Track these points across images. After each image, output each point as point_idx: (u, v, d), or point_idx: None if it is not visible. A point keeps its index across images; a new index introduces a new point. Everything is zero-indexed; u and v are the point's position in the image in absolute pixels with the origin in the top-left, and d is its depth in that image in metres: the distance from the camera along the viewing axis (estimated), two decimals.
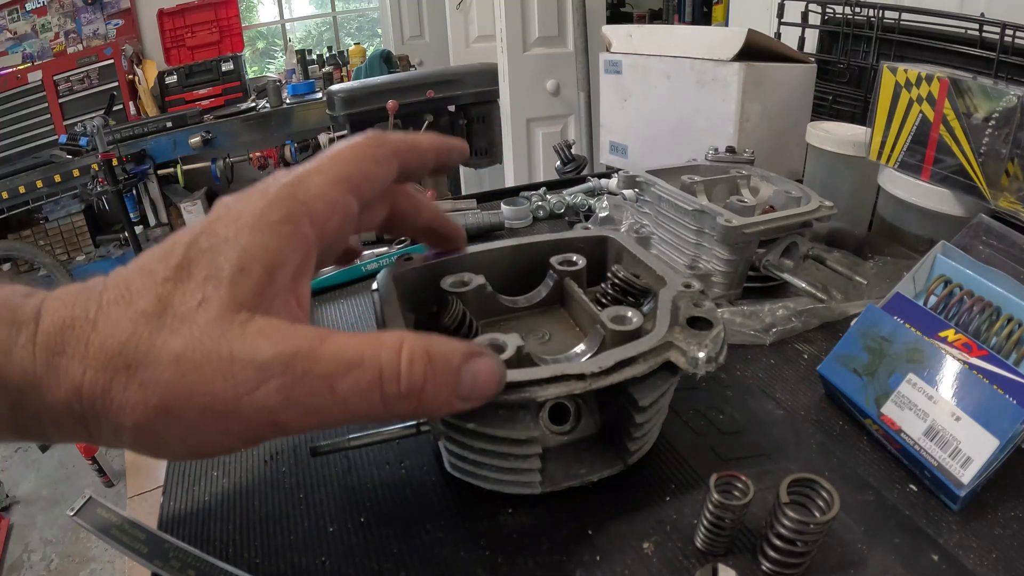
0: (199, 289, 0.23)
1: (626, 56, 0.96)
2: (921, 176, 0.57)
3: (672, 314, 0.34)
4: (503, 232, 0.75)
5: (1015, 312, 0.35)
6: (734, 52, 0.77)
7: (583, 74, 1.93)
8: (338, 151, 0.29)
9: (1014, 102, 0.48)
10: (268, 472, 0.38)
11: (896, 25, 0.83)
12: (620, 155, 1.04)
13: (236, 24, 3.37)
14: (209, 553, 0.29)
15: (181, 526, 0.35)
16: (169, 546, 0.28)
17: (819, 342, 0.49)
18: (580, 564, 0.31)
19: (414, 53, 3.42)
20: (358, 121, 2.09)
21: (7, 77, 2.94)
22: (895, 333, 0.38)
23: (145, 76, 3.20)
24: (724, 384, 0.45)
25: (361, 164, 0.29)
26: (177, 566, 0.27)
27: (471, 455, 0.33)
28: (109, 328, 0.23)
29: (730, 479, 0.30)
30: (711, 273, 0.54)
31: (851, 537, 0.32)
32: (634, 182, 0.60)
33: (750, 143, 0.78)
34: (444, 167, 0.35)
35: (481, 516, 0.34)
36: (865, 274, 0.52)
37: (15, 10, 3.09)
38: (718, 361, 0.31)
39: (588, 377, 0.30)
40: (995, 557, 0.31)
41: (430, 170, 0.34)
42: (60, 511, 1.94)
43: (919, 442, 0.34)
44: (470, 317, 0.36)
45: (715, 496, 0.29)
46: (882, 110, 0.59)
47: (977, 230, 0.44)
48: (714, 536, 0.30)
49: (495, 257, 0.42)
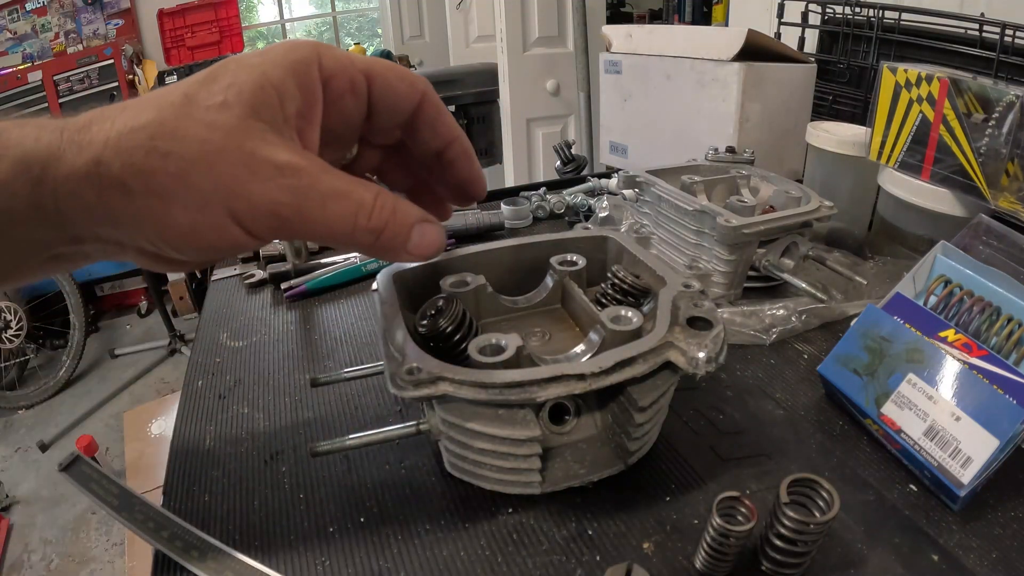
0: (222, 92, 0.26)
1: (626, 56, 0.96)
2: (921, 176, 0.57)
3: (672, 314, 0.34)
4: (503, 232, 0.75)
5: (1015, 312, 0.35)
6: (734, 52, 0.77)
7: (583, 74, 1.93)
8: (382, 60, 0.32)
9: (1014, 102, 0.48)
10: (268, 472, 0.38)
11: (896, 25, 0.83)
12: (620, 155, 1.04)
13: (236, 24, 3.36)
14: None
15: None
16: (136, 501, 0.32)
17: (819, 342, 0.49)
18: (580, 564, 0.31)
19: (414, 53, 3.42)
20: None
21: (7, 77, 2.94)
22: (895, 333, 0.38)
23: (145, 76, 3.19)
24: (724, 384, 0.45)
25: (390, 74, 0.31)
26: (140, 518, 0.31)
27: (471, 455, 0.33)
28: (135, 111, 0.25)
29: (733, 503, 0.29)
30: (711, 273, 0.54)
31: (851, 537, 0.32)
32: (634, 182, 0.60)
33: (750, 143, 0.78)
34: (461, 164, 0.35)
35: (481, 516, 0.34)
36: (865, 274, 0.52)
37: (15, 10, 3.09)
38: (718, 361, 0.31)
39: (588, 377, 0.30)
40: (995, 557, 0.31)
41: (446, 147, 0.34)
42: (60, 511, 1.94)
43: (919, 442, 0.34)
44: (470, 317, 0.36)
45: (717, 520, 0.28)
46: (882, 110, 0.59)
47: (977, 230, 0.44)
48: (715, 561, 0.29)
49: (495, 257, 0.42)
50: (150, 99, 0.26)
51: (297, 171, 0.26)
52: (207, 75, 0.27)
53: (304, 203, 0.26)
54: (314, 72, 0.28)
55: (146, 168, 0.25)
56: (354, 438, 0.35)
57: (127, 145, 0.25)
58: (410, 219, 0.30)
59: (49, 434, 2.27)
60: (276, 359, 0.51)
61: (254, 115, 0.26)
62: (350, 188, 0.28)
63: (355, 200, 0.28)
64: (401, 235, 0.30)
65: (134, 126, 0.25)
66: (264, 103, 0.26)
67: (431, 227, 0.30)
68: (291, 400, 0.45)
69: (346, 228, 0.28)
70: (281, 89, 0.27)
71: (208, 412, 0.44)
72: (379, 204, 0.28)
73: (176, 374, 2.60)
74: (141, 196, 0.25)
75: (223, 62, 0.28)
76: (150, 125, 0.25)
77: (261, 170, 0.26)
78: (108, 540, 1.83)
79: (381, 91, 0.31)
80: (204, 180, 0.25)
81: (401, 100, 0.31)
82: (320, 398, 0.45)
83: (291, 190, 0.26)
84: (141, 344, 2.81)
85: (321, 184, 0.27)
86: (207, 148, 0.25)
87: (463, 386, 0.30)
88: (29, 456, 2.21)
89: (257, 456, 0.39)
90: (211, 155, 0.25)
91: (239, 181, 0.25)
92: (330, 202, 0.27)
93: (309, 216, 0.27)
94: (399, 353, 0.31)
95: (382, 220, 0.29)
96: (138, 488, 0.32)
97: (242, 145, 0.25)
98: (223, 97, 0.26)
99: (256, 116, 0.26)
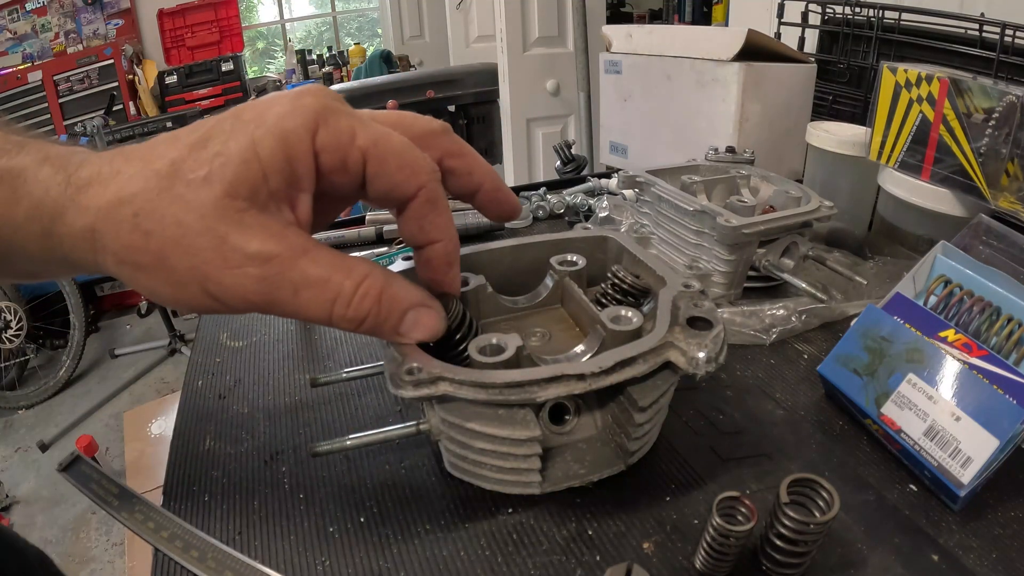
0: (207, 163, 0.26)
1: (626, 56, 0.96)
2: (921, 176, 0.57)
3: (672, 314, 0.34)
4: (503, 232, 0.75)
5: (1015, 312, 0.35)
6: (734, 52, 0.77)
7: (583, 74, 1.93)
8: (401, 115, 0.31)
9: (1014, 102, 0.48)
10: (268, 472, 0.38)
11: (896, 25, 0.83)
12: (620, 155, 1.04)
13: (236, 24, 3.37)
14: None
15: None
16: (136, 501, 0.32)
17: (819, 342, 0.49)
18: (580, 564, 0.31)
19: (414, 53, 3.42)
20: None
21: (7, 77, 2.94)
22: (895, 333, 0.38)
23: (145, 76, 3.20)
24: (724, 384, 0.45)
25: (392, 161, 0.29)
26: (140, 518, 0.31)
27: (471, 455, 0.33)
28: (126, 178, 0.26)
29: (733, 503, 0.29)
30: (711, 273, 0.54)
31: (851, 537, 0.32)
32: (634, 182, 0.60)
33: (750, 143, 0.78)
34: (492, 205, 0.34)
35: (481, 516, 0.34)
36: (865, 274, 0.52)
37: (15, 10, 3.09)
38: (718, 361, 0.31)
39: (588, 377, 0.30)
40: (995, 557, 0.31)
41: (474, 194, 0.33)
42: (60, 511, 1.94)
43: (919, 442, 0.34)
44: (470, 317, 0.36)
45: (717, 520, 0.28)
46: (882, 110, 0.59)
47: (977, 230, 0.44)
48: (715, 561, 0.29)
49: (495, 257, 0.42)
50: (142, 160, 0.27)
51: (268, 260, 0.26)
52: (201, 136, 0.27)
53: (275, 292, 0.27)
54: (306, 144, 0.27)
55: (131, 245, 0.26)
56: (354, 438, 0.35)
57: (115, 218, 0.26)
58: (401, 305, 0.30)
59: (49, 434, 2.27)
60: (276, 359, 0.51)
61: (234, 193, 0.26)
62: (328, 275, 0.27)
63: (332, 289, 0.28)
64: (390, 321, 0.30)
65: (122, 197, 0.26)
66: (247, 179, 0.26)
67: (426, 312, 0.31)
68: (291, 400, 0.45)
69: (322, 315, 0.28)
70: (268, 163, 0.26)
71: (208, 412, 0.44)
72: (361, 292, 0.28)
73: (176, 374, 2.60)
74: (129, 267, 0.27)
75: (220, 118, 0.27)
76: (136, 199, 0.26)
77: (231, 258, 0.26)
78: (108, 540, 1.83)
79: (375, 175, 0.28)
80: (180, 262, 0.26)
81: (395, 189, 0.29)
82: (320, 398, 0.45)
83: (260, 280, 0.26)
84: (141, 344, 2.81)
85: (293, 272, 0.27)
86: (183, 231, 0.26)
87: (463, 386, 0.30)
88: (29, 456, 2.22)
89: (257, 456, 0.39)
90: (187, 238, 0.26)
91: (212, 267, 0.26)
92: (303, 291, 0.27)
93: (281, 303, 0.27)
94: (399, 353, 0.31)
95: (362, 310, 0.28)
96: (138, 488, 0.32)
97: (215, 229, 0.26)
98: (207, 169, 0.26)
99: (236, 194, 0.26)
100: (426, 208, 0.30)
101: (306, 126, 0.27)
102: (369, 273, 0.29)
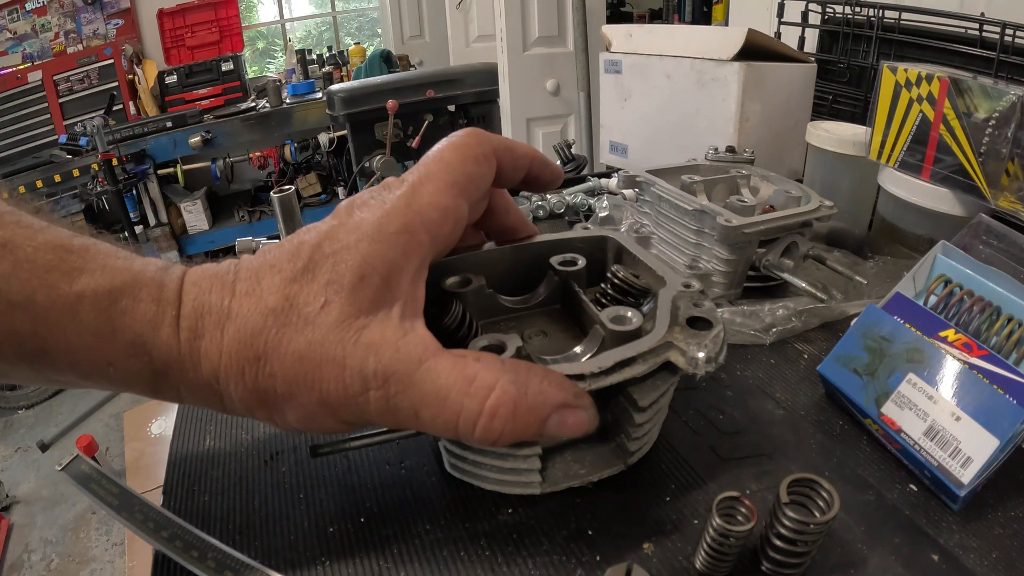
0: (322, 293, 0.26)
1: (626, 56, 0.96)
2: (921, 176, 0.57)
3: (672, 314, 0.34)
4: None
5: (1015, 312, 0.35)
6: (734, 52, 0.77)
7: (583, 74, 1.93)
8: (443, 154, 0.31)
9: (1014, 102, 0.48)
10: (268, 472, 0.38)
11: (896, 25, 0.83)
12: (620, 155, 1.04)
13: (236, 24, 3.37)
14: None
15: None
16: (136, 501, 0.32)
17: (819, 342, 0.49)
18: (580, 564, 0.31)
19: (414, 53, 3.42)
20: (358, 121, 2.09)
21: (7, 77, 2.94)
22: (895, 333, 0.38)
23: (145, 76, 3.20)
24: (724, 384, 0.45)
25: (466, 166, 0.31)
26: (140, 518, 0.31)
27: (471, 455, 0.33)
28: (241, 320, 0.26)
29: (733, 503, 0.29)
30: (711, 273, 0.54)
31: (851, 537, 0.32)
32: (634, 182, 0.60)
33: (750, 143, 0.78)
34: (536, 181, 0.35)
35: (481, 516, 0.34)
36: (865, 274, 0.52)
37: (15, 10, 3.09)
38: (718, 361, 0.31)
39: (588, 377, 0.30)
40: (995, 557, 0.31)
41: (522, 179, 0.35)
42: (60, 511, 1.94)
43: (919, 442, 0.34)
44: (470, 317, 0.36)
45: (717, 520, 0.28)
46: (882, 110, 0.59)
47: (977, 230, 0.44)
48: (715, 561, 0.29)
49: (495, 257, 0.42)
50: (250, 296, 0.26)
51: (386, 379, 0.26)
52: (306, 264, 0.27)
53: (396, 414, 0.27)
54: (420, 236, 0.28)
55: (257, 389, 0.27)
56: (354, 438, 0.35)
57: (238, 363, 0.26)
58: (540, 415, 0.27)
59: (49, 434, 2.27)
60: None
61: (352, 311, 0.26)
62: (448, 391, 0.26)
63: (453, 409, 0.26)
64: (530, 430, 0.27)
65: (242, 339, 0.26)
66: (364, 295, 0.26)
67: (572, 413, 0.27)
68: None
69: (447, 432, 0.27)
70: (384, 271, 0.27)
71: (208, 412, 0.44)
72: (489, 411, 0.26)
73: None
74: (260, 409, 0.27)
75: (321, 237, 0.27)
76: (256, 341, 0.26)
77: (351, 385, 0.26)
78: (108, 540, 1.83)
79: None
80: (308, 397, 0.26)
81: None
82: None
83: (381, 402, 0.26)
84: None
85: (411, 390, 0.26)
86: (305, 368, 0.26)
87: None
88: (29, 456, 2.22)
89: (257, 456, 0.39)
90: (311, 374, 0.26)
91: (335, 397, 0.26)
92: (423, 410, 0.26)
93: (405, 424, 0.27)
94: None
95: (494, 431, 0.26)
96: (138, 488, 0.32)
97: (335, 357, 0.26)
98: (324, 299, 0.26)
99: (355, 312, 0.26)
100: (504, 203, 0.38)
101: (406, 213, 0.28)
102: (495, 384, 0.26)
